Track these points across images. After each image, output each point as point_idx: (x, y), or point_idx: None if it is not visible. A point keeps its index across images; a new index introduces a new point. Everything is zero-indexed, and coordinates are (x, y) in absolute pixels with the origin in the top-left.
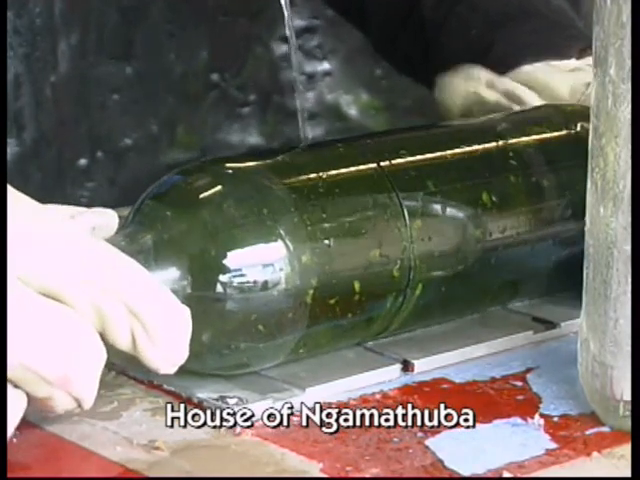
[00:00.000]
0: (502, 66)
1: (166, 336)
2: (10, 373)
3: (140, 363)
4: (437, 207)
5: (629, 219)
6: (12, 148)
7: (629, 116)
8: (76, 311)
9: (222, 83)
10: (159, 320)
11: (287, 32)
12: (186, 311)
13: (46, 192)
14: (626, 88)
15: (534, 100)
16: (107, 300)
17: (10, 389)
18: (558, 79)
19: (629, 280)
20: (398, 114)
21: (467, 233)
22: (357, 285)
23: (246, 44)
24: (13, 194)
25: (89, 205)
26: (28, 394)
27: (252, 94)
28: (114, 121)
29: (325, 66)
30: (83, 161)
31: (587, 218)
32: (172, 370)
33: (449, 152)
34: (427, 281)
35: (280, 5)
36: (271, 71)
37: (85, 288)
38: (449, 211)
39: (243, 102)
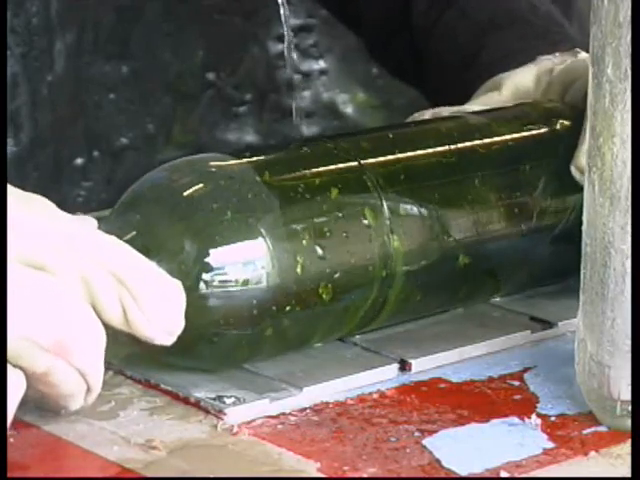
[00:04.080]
0: (489, 72)
1: (157, 304)
2: (8, 347)
3: (137, 361)
4: (418, 204)
5: (626, 219)
6: (9, 147)
7: (626, 115)
8: (64, 284)
9: (218, 82)
10: (148, 289)
11: (283, 31)
12: (177, 282)
13: (43, 191)
14: (623, 87)
15: None
16: (94, 272)
17: (9, 369)
18: (520, 71)
19: (626, 280)
20: (394, 112)
21: (446, 229)
22: (339, 281)
23: (242, 43)
24: None
25: (85, 204)
26: (30, 373)
27: (248, 93)
28: (110, 120)
29: (321, 65)
30: (80, 160)
31: (584, 217)
32: (168, 340)
33: (429, 150)
34: (408, 276)
35: (276, 4)
36: (267, 70)
37: (71, 262)
38: (429, 208)
39: (239, 101)
